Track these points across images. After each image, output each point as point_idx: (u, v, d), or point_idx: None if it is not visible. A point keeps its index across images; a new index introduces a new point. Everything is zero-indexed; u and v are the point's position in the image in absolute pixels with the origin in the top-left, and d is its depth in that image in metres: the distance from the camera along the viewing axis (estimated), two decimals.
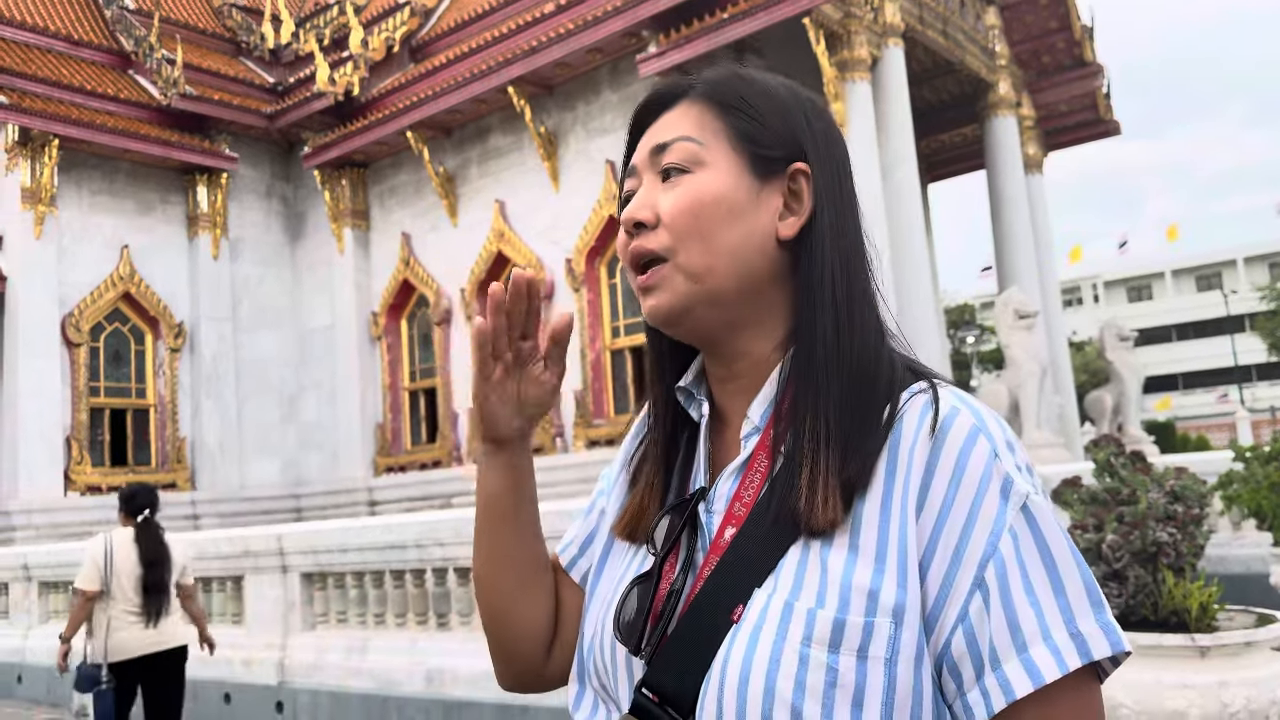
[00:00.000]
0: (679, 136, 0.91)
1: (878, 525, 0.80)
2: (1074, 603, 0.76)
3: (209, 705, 6.67)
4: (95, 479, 16.04)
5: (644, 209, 0.90)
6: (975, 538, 0.77)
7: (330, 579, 6.25)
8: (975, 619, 0.76)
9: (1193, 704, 3.03)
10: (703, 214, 0.88)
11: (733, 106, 0.92)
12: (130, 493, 5.36)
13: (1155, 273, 58.54)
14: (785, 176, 0.91)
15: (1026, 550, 0.77)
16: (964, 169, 19.56)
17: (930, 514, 0.79)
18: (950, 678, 0.78)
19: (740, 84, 0.93)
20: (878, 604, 0.77)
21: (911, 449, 0.81)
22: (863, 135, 12.81)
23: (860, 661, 0.76)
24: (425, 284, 16.94)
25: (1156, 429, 25.98)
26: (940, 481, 0.79)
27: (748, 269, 0.89)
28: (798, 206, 0.91)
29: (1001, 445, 0.81)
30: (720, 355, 0.93)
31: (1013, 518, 0.78)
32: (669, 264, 0.89)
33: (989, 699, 0.75)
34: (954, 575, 0.77)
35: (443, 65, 16.40)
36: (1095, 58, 17.59)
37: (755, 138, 0.90)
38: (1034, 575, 0.76)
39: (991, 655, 0.76)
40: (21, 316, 15.44)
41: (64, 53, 17.75)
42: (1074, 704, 0.76)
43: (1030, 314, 12.68)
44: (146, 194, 17.37)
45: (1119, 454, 3.61)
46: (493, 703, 5.13)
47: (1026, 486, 0.79)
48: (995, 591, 0.76)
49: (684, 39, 13.04)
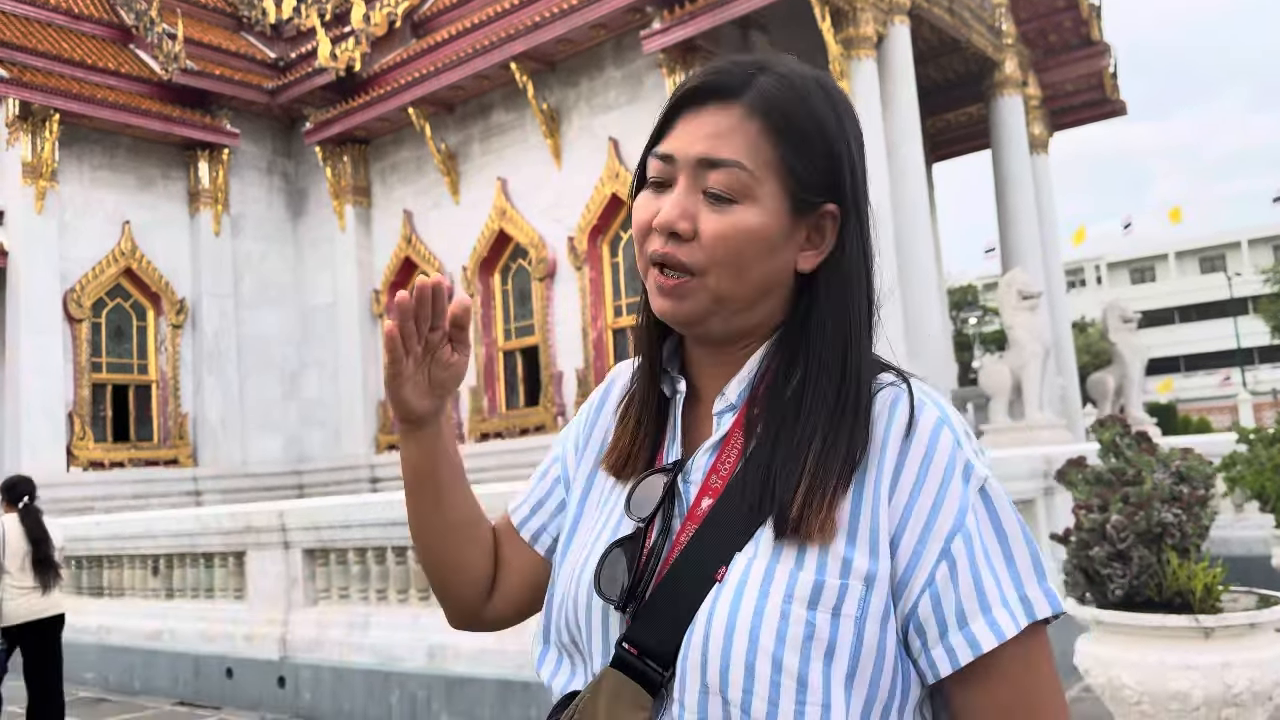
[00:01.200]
0: (733, 162, 0.93)
1: (851, 502, 0.89)
2: (1023, 571, 0.89)
3: (211, 680, 6.70)
4: (98, 455, 16.06)
5: (682, 220, 0.94)
6: (943, 515, 0.88)
7: (332, 555, 6.26)
8: (941, 585, 0.87)
9: (1196, 685, 3.03)
10: (745, 250, 0.93)
11: (785, 135, 0.94)
12: (11, 483, 6.15)
13: (1159, 254, 58.42)
14: (817, 214, 0.97)
15: (984, 526, 0.89)
16: (969, 148, 19.46)
17: (902, 495, 0.89)
18: (915, 636, 0.88)
19: (797, 105, 0.95)
20: (851, 569, 0.87)
21: (885, 438, 0.91)
22: (868, 113, 12.72)
23: (834, 619, 0.85)
24: (427, 262, 16.90)
25: (1158, 411, 25.98)
26: (911, 467, 0.90)
27: (766, 294, 0.97)
28: (819, 240, 0.97)
29: (962, 435, 0.92)
30: (713, 351, 1.01)
31: (974, 498, 0.89)
32: (697, 279, 0.94)
33: (954, 654, 0.87)
34: (923, 547, 0.88)
35: (445, 41, 16.29)
36: (1102, 37, 17.46)
37: (802, 180, 0.95)
38: (991, 548, 0.89)
39: (958, 616, 0.87)
40: (23, 292, 15.41)
41: (65, 26, 17.63)
42: (1024, 655, 0.88)
43: (1034, 295, 12.65)
44: (148, 169, 17.30)
45: (1124, 434, 3.59)
46: (494, 679, 5.14)
47: (985, 471, 0.91)
48: (963, 561, 0.87)
49: (688, 15, 12.93)
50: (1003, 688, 0.88)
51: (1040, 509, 6.46)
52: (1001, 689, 0.88)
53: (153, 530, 7.49)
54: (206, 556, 7.16)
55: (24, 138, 15.53)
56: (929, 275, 13.15)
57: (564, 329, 15.19)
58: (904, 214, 12.82)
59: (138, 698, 7.07)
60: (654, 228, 0.95)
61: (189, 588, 7.32)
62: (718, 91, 0.96)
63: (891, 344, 1.09)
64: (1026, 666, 0.88)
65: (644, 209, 0.98)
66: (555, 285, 15.34)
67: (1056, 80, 17.87)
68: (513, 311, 16.12)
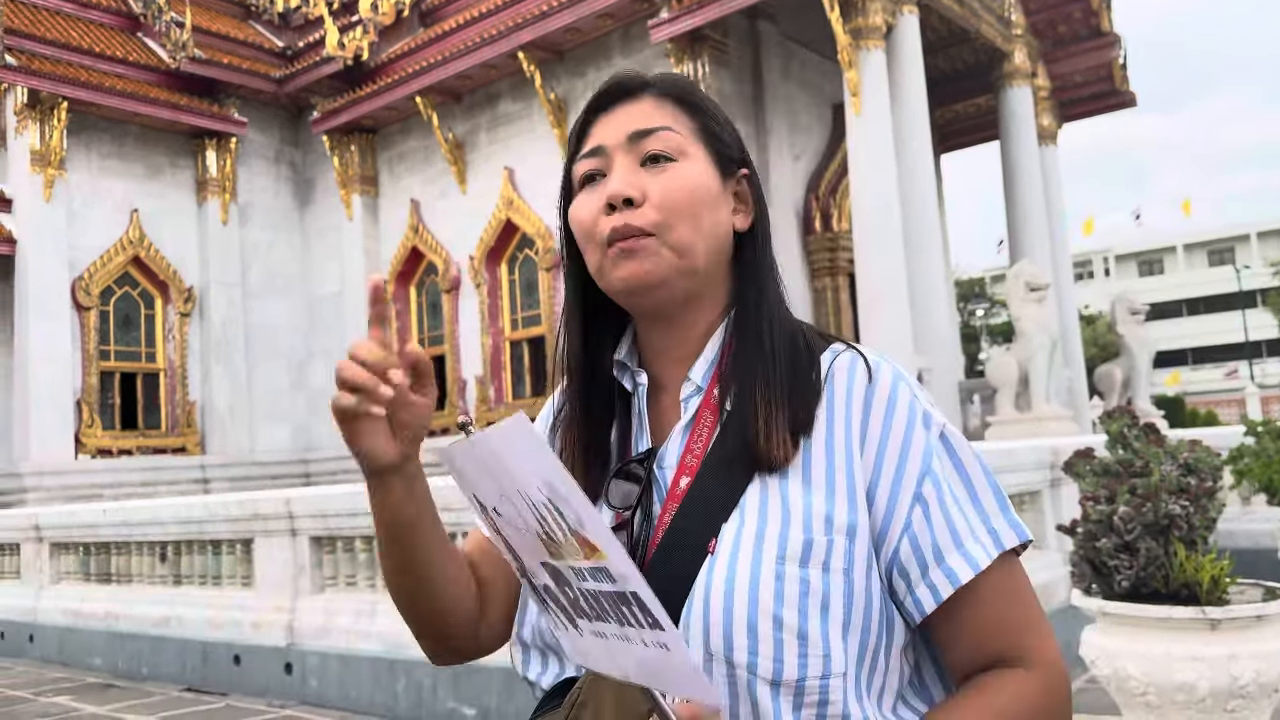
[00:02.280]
0: (662, 126, 1.02)
1: (825, 461, 0.94)
2: (988, 506, 0.95)
3: (218, 667, 6.73)
4: (106, 442, 16.13)
5: (630, 188, 0.99)
6: (911, 461, 0.94)
7: (339, 542, 6.28)
8: (918, 527, 0.93)
9: (1202, 676, 3.03)
10: (694, 198, 1.00)
11: (698, 108, 1.05)
12: None
13: (1167, 247, 58.20)
14: (735, 179, 1.06)
15: (947, 468, 0.95)
16: (977, 140, 19.40)
17: (871, 447, 0.95)
18: (900, 579, 0.93)
19: (697, 91, 1.08)
20: (833, 524, 0.92)
21: (848, 395, 0.97)
22: (876, 104, 12.68)
23: (824, 573, 0.90)
24: (434, 251, 16.91)
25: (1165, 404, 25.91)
26: (875, 420, 0.95)
27: (716, 251, 1.02)
28: (743, 205, 1.06)
29: (916, 389, 0.99)
30: (671, 326, 1.04)
31: (935, 444, 0.95)
32: (654, 239, 0.98)
33: (936, 590, 0.92)
34: (897, 493, 0.93)
35: (453, 30, 16.27)
36: (1112, 28, 17.37)
37: (719, 139, 1.05)
38: (955, 488, 0.95)
39: (935, 553, 0.92)
40: (32, 280, 15.46)
41: (72, 14, 17.65)
42: (1000, 582, 0.94)
43: (1041, 286, 12.61)
44: (156, 158, 17.32)
45: (1132, 426, 3.58)
46: (500, 666, 5.16)
47: (941, 419, 0.98)
48: (934, 502, 0.93)
49: (696, 4, 12.89)
50: (983, 613, 0.93)
51: (1046, 500, 6.45)
52: (982, 615, 0.93)
53: (160, 517, 7.52)
54: (214, 544, 7.18)
55: (32, 126, 15.56)
56: (937, 266, 13.11)
57: None
58: (912, 205, 12.77)
59: (145, 684, 7.11)
60: (608, 201, 0.99)
61: (196, 575, 7.35)
62: (623, 93, 1.06)
63: (899, 336, 1.10)
64: (1004, 593, 0.94)
65: (584, 206, 1.02)
66: (562, 275, 15.31)
67: (1066, 71, 17.79)
68: (519, 301, 16.13)
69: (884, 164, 12.50)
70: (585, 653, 0.88)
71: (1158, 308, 45.84)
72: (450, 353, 16.79)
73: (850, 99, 12.76)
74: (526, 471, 0.77)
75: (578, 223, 1.03)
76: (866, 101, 12.65)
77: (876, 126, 12.57)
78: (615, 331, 1.10)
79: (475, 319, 16.44)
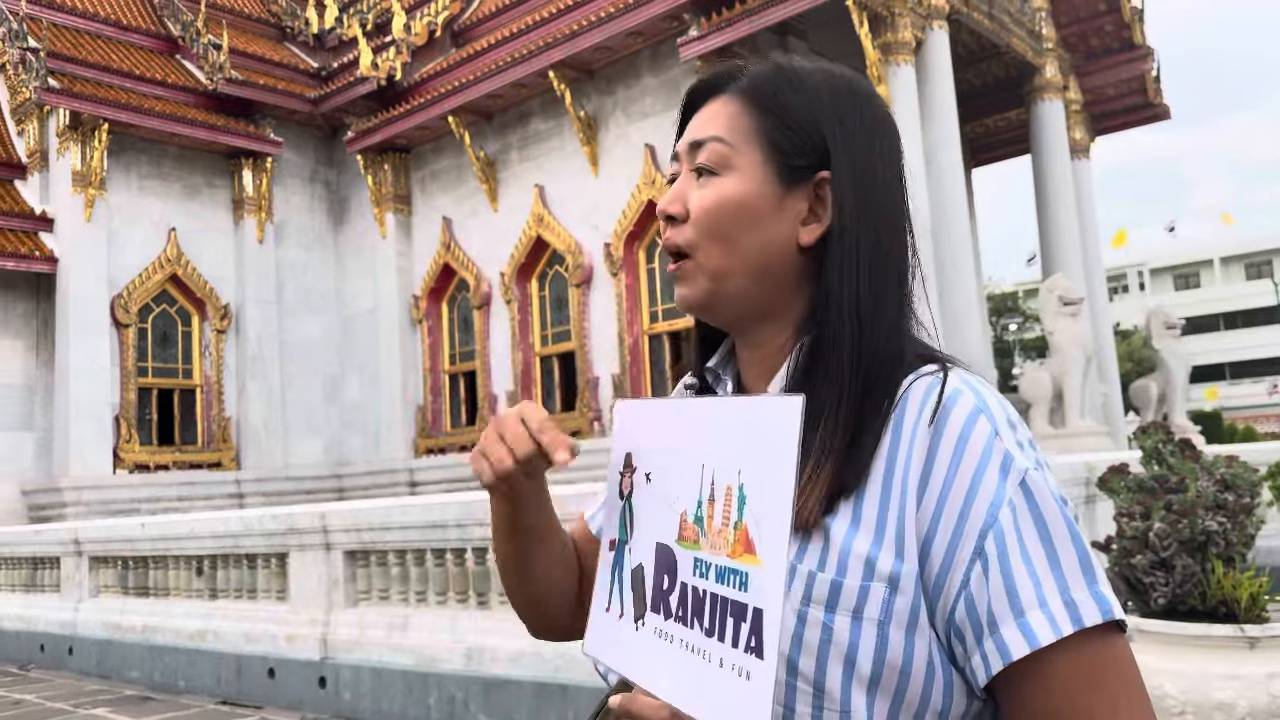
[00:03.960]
0: (712, 136, 0.95)
1: (879, 500, 0.84)
2: (1068, 573, 0.80)
3: (253, 680, 6.80)
4: (143, 457, 16.36)
5: (675, 203, 0.96)
6: (975, 510, 0.81)
7: (373, 557, 6.33)
8: (975, 587, 0.81)
9: (1241, 695, 2.99)
10: (724, 218, 0.93)
11: (768, 108, 0.95)
12: None
13: (1204, 260, 57.39)
14: (812, 183, 0.94)
15: (1024, 522, 0.81)
16: (1009, 153, 19.27)
17: (933, 491, 0.83)
18: (957, 643, 0.82)
19: (781, 82, 0.96)
20: (874, 570, 0.82)
21: (914, 430, 0.85)
22: (906, 119, 12.66)
23: (855, 621, 0.81)
24: (465, 268, 17.04)
25: (1203, 419, 25.53)
26: (942, 460, 0.83)
27: (766, 272, 0.94)
28: (822, 213, 0.94)
29: (1002, 424, 0.85)
30: (745, 341, 1.00)
31: (1012, 492, 0.82)
32: (691, 260, 0.95)
33: (988, 662, 0.80)
34: (956, 546, 0.82)
35: (484, 50, 16.44)
36: (1145, 40, 17.23)
37: (783, 146, 0.94)
38: (1030, 546, 0.81)
39: (990, 620, 0.80)
40: (73, 298, 15.75)
41: (113, 38, 18.02)
42: (1075, 664, 0.79)
43: (1075, 301, 12.51)
44: (193, 178, 17.61)
45: (1167, 441, 3.56)
46: (531, 680, 5.18)
47: (1026, 463, 0.83)
48: (994, 560, 0.80)
49: (726, 22, 12.96)
50: (1052, 700, 0.79)
51: (1082, 517, 6.39)
52: (1050, 701, 0.79)
53: (197, 532, 7.62)
54: (249, 558, 7.26)
55: (74, 147, 15.88)
56: (968, 281, 13.04)
57: (600, 335, 15.25)
58: (943, 220, 12.73)
59: (182, 697, 7.19)
60: (657, 215, 0.99)
61: (232, 588, 7.43)
62: (712, 86, 1.00)
63: None
64: (1079, 679, 0.79)
65: None
66: (592, 291, 15.40)
67: (1098, 84, 17.67)
68: (549, 317, 16.20)
69: (914, 179, 12.45)
70: (616, 646, 0.85)
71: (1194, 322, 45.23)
72: (481, 368, 16.89)
73: None
74: (745, 450, 0.73)
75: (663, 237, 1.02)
76: (896, 116, 12.37)
77: (907, 141, 12.46)
78: None
79: (506, 335, 16.53)
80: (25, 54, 15.81)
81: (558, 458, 0.90)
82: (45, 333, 16.21)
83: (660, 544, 0.82)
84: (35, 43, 15.73)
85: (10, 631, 9.53)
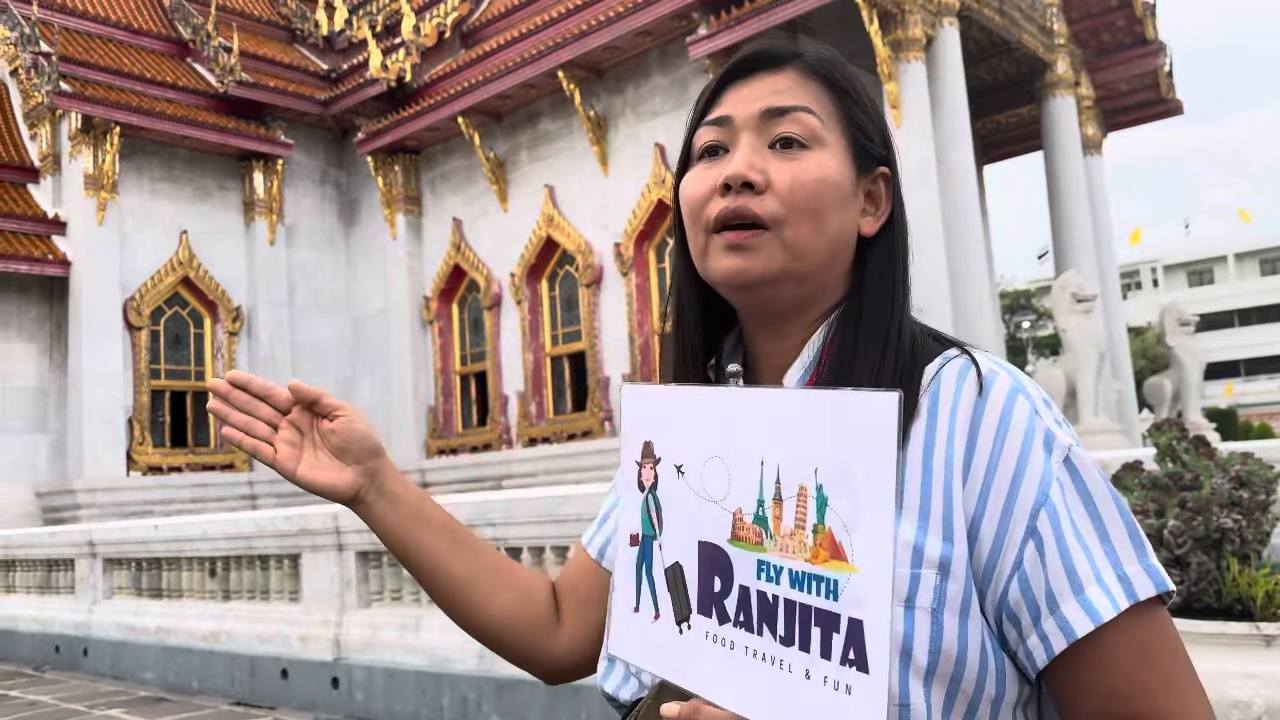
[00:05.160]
0: (801, 106, 0.90)
1: (920, 484, 0.82)
2: (1119, 548, 0.80)
3: (266, 680, 6.82)
4: (156, 459, 16.43)
5: (753, 171, 0.89)
6: (1025, 489, 0.80)
7: (385, 557, 6.34)
8: (1030, 566, 0.79)
9: (1257, 694, 2.96)
10: (823, 196, 0.89)
11: (846, 92, 0.93)
12: None
13: (1217, 256, 57.08)
14: (872, 175, 0.94)
15: (1072, 500, 0.81)
16: (1021, 150, 19.20)
17: (978, 471, 0.81)
18: (1010, 626, 0.81)
19: (847, 69, 0.95)
20: (923, 557, 0.80)
21: (953, 411, 0.84)
22: (917, 116, 12.62)
23: (907, 611, 0.79)
24: (476, 269, 17.07)
25: (1218, 416, 25.40)
26: (985, 440, 0.82)
27: (837, 256, 0.92)
28: (874, 206, 0.94)
29: (1039, 403, 0.84)
30: (775, 327, 0.94)
31: (1058, 469, 0.81)
32: (770, 233, 0.88)
33: (1049, 641, 0.79)
34: (1006, 526, 0.80)
35: (493, 50, 16.46)
36: (1157, 35, 17.14)
37: (865, 130, 0.93)
38: (1080, 523, 0.80)
39: (1049, 599, 0.79)
40: (85, 301, 15.83)
41: (124, 42, 18.10)
42: (1130, 637, 0.79)
43: (1088, 298, 12.44)
44: (204, 180, 17.69)
45: (1181, 438, 3.53)
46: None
47: (1068, 440, 0.83)
48: (1050, 539, 0.79)
49: (735, 20, 12.94)
50: (1108, 674, 0.79)
51: None
52: (1106, 676, 0.79)
53: (210, 533, 7.65)
54: (262, 559, 7.28)
55: (86, 151, 15.96)
56: (980, 278, 12.99)
57: (610, 335, 15.25)
58: (954, 217, 12.68)
59: (196, 698, 7.22)
60: (724, 182, 0.89)
61: (245, 589, 7.46)
62: (769, 61, 0.94)
63: None
64: (1136, 651, 0.79)
65: (698, 180, 0.92)
66: (602, 291, 15.40)
67: (1110, 80, 17.58)
68: (560, 317, 16.22)
69: (925, 176, 12.42)
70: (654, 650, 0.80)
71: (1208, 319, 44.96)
72: (492, 369, 16.92)
73: (890, 111, 12.71)
74: (823, 448, 0.69)
75: (686, 198, 0.93)
76: (907, 114, 12.59)
77: (917, 138, 12.50)
78: (725, 324, 1.00)
79: (516, 335, 16.55)
80: (37, 58, 15.90)
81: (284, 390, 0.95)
82: (58, 336, 16.29)
83: (706, 543, 0.77)
84: (47, 47, 15.81)
85: (25, 633, 9.58)
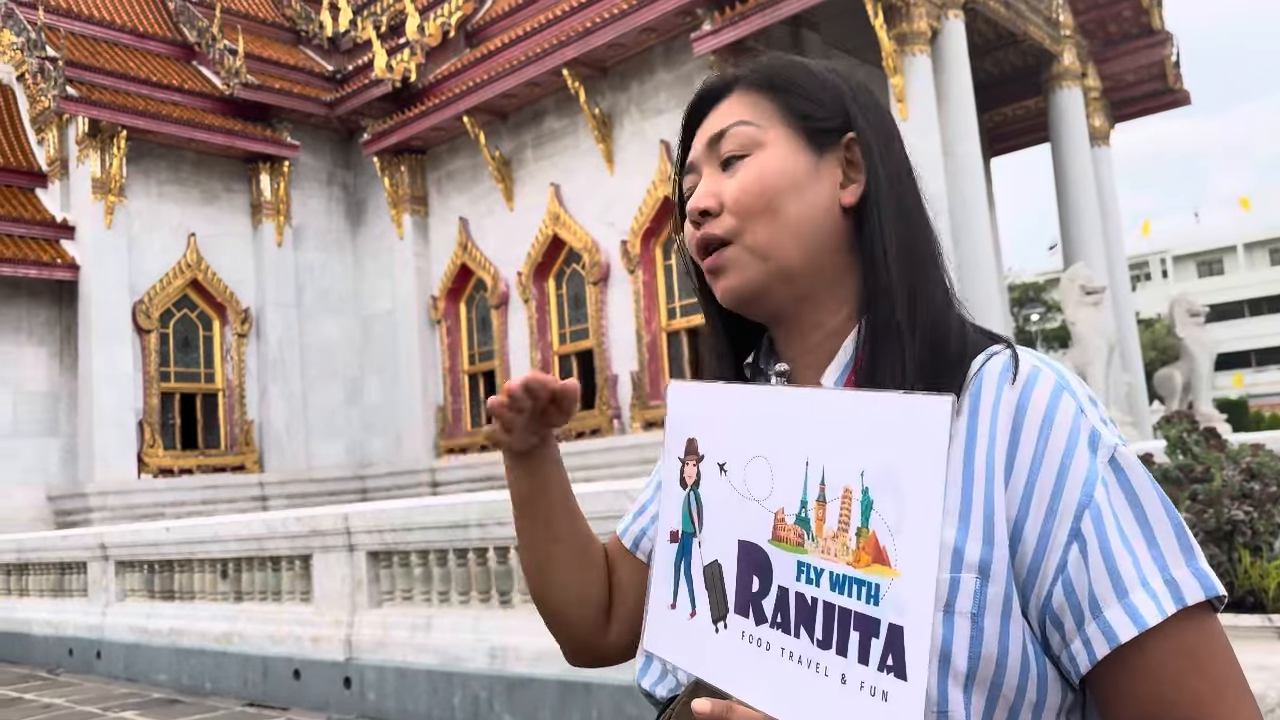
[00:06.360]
0: (735, 122, 0.95)
1: (961, 485, 0.80)
2: (1166, 551, 0.78)
3: (279, 681, 6.84)
4: (167, 461, 16.49)
5: (707, 197, 0.94)
6: (1069, 490, 0.78)
7: (396, 557, 6.36)
8: (1074, 569, 0.78)
9: (1270, 685, 2.95)
10: (765, 191, 0.91)
11: (781, 88, 0.96)
12: None
13: (1227, 246, 56.80)
14: (841, 147, 0.94)
15: (1118, 501, 0.79)
16: (1028, 142, 19.15)
17: (1021, 471, 0.79)
18: (1054, 630, 0.79)
19: (785, 66, 0.98)
20: (963, 560, 0.78)
21: (995, 408, 0.82)
22: (923, 110, 12.59)
23: (946, 616, 0.77)
24: (483, 268, 17.08)
25: (1229, 407, 25.29)
26: (1028, 439, 0.80)
27: (813, 241, 0.92)
28: (856, 175, 0.94)
29: (1085, 401, 0.82)
30: (794, 330, 0.96)
31: (1103, 469, 0.79)
32: (735, 246, 0.92)
33: (1091, 646, 0.77)
34: (1050, 528, 0.78)
35: (498, 49, 16.46)
36: (1164, 26, 17.06)
37: (807, 113, 0.94)
38: (1126, 525, 0.78)
39: (1092, 603, 0.77)
40: (95, 304, 15.89)
41: (130, 45, 18.15)
42: (1178, 644, 0.77)
43: (1097, 290, 12.40)
44: (211, 183, 17.73)
45: (1192, 430, 3.52)
46: (555, 679, 5.18)
47: (1113, 439, 0.81)
48: (1093, 540, 0.77)
49: (739, 15, 12.91)
50: (1153, 681, 0.77)
51: None
52: (1151, 683, 0.77)
53: (221, 535, 7.67)
54: (274, 560, 7.30)
55: (93, 155, 16.01)
56: (989, 271, 12.96)
57: (618, 332, 15.25)
58: (962, 210, 12.65)
59: (209, 699, 7.25)
60: (687, 220, 0.96)
61: (257, 590, 7.48)
62: (714, 93, 1.00)
63: None
64: (1183, 658, 0.76)
65: (686, 225, 0.99)
66: (609, 289, 15.40)
67: (1117, 71, 17.51)
68: (567, 316, 16.22)
69: (932, 169, 12.39)
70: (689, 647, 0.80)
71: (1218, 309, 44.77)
72: (500, 368, 16.93)
73: (896, 105, 12.68)
74: (870, 450, 0.68)
75: (687, 244, 0.99)
76: (913, 107, 12.56)
77: (924, 132, 12.47)
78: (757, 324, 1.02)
79: (524, 334, 16.56)
80: (44, 63, 15.95)
81: (565, 385, 0.96)
82: (68, 339, 16.36)
83: (746, 542, 0.76)
84: (54, 51, 15.86)
85: (39, 636, 9.63)
